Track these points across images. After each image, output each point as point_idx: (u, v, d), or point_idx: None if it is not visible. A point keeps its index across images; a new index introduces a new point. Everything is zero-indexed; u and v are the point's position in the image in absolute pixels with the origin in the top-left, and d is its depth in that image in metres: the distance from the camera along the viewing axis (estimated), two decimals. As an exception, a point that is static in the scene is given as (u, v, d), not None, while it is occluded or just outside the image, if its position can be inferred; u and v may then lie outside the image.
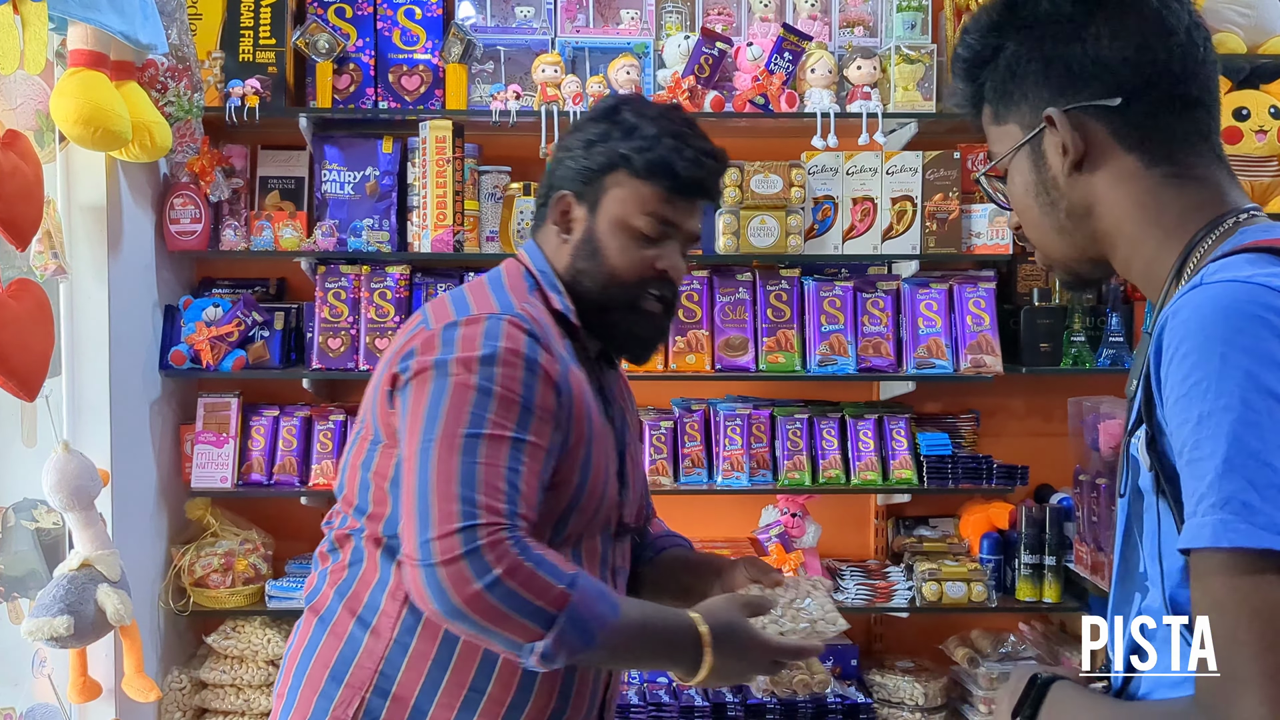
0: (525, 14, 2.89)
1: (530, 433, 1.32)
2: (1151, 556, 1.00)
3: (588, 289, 1.48)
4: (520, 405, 1.32)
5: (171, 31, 2.50)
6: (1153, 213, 1.07)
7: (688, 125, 1.49)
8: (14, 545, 2.46)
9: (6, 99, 2.25)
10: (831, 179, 2.84)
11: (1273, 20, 2.93)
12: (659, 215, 1.46)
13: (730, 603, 1.41)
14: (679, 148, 1.45)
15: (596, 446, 1.42)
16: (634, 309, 1.48)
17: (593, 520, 1.44)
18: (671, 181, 1.45)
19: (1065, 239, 1.12)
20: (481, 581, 1.23)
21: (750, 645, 1.38)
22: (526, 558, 1.25)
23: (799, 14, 2.88)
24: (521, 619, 1.24)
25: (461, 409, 1.30)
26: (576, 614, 1.26)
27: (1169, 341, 0.93)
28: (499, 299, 1.41)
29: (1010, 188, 1.14)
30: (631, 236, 1.46)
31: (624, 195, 1.46)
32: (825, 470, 2.87)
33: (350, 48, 2.80)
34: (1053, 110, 1.07)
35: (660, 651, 1.37)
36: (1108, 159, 1.08)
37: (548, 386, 1.34)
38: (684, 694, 2.82)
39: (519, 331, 1.35)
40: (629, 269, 1.46)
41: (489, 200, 2.83)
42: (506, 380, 1.32)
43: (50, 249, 2.23)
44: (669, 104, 1.53)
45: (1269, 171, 2.87)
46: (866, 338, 2.86)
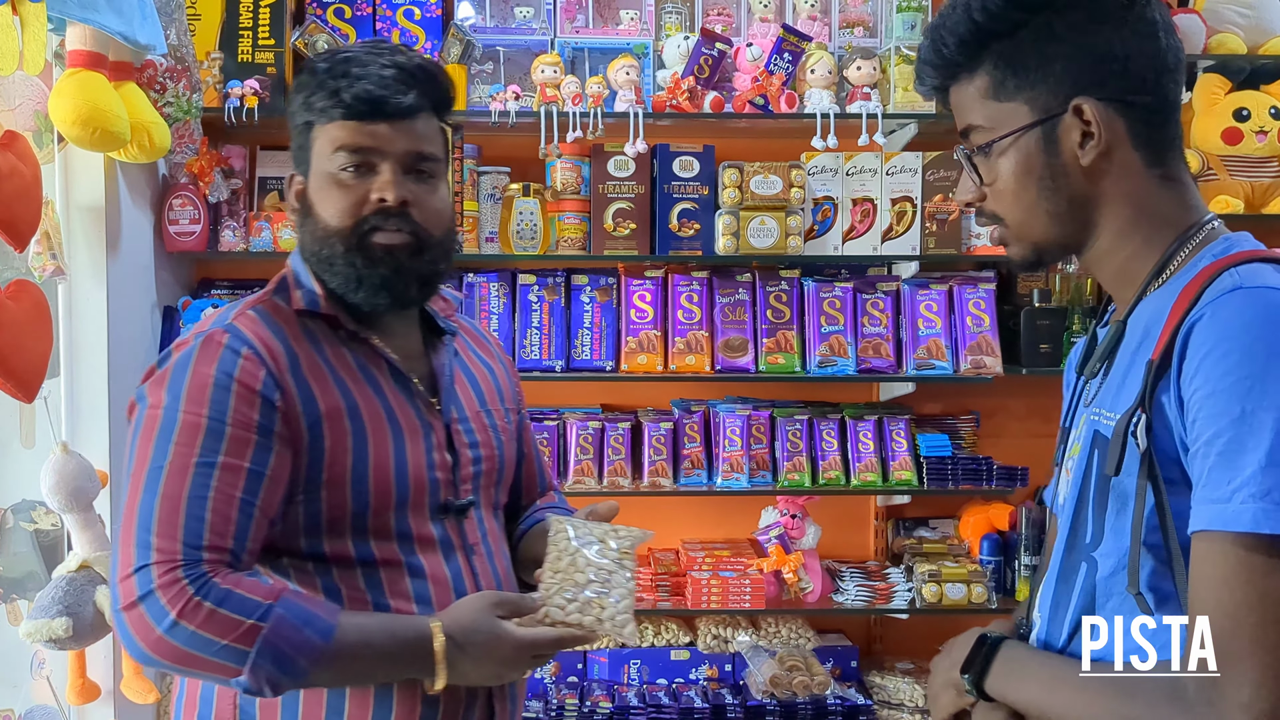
0: (524, 14, 2.89)
1: (223, 454, 1.26)
2: (1119, 532, 1.05)
3: (322, 257, 1.38)
4: (206, 428, 1.26)
5: (170, 32, 2.50)
6: (1146, 212, 1.11)
7: (368, 49, 1.39)
8: (12, 547, 2.46)
9: (5, 100, 2.25)
10: (831, 180, 2.84)
11: (1273, 21, 2.93)
12: (347, 146, 1.35)
13: (480, 602, 1.35)
14: (346, 72, 1.35)
15: (375, 435, 1.35)
16: (360, 249, 1.35)
17: (403, 508, 1.37)
18: (345, 109, 1.34)
19: (1056, 224, 1.13)
20: (160, 626, 1.20)
21: (497, 645, 1.32)
22: (207, 596, 1.21)
23: (799, 14, 2.88)
24: (209, 658, 1.21)
25: (148, 442, 1.27)
26: (272, 648, 1.22)
27: (1205, 338, 0.97)
28: (219, 316, 1.37)
29: (1003, 165, 1.13)
30: (333, 182, 1.36)
31: (320, 144, 1.37)
32: (825, 471, 2.87)
33: (349, 48, 2.80)
34: (1086, 100, 1.08)
35: (392, 667, 1.31)
36: (1119, 154, 1.10)
37: (245, 401, 1.28)
38: (683, 696, 2.82)
39: (214, 348, 1.30)
40: (338, 214, 1.36)
41: (488, 201, 2.83)
42: (191, 404, 1.27)
43: (49, 250, 2.22)
44: (359, 42, 1.44)
45: (1269, 172, 2.87)
46: (866, 339, 2.86)
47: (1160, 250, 1.11)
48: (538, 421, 2.87)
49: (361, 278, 1.36)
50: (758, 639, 2.95)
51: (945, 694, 1.20)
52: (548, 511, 1.63)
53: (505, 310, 2.83)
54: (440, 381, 1.46)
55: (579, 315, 2.85)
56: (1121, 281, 1.14)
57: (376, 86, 1.35)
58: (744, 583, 2.80)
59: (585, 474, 2.83)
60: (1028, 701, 1.10)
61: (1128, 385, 1.09)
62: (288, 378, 1.32)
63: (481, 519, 1.47)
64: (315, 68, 1.39)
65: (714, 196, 2.81)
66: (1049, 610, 1.16)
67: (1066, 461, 1.21)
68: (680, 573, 2.89)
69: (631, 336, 2.83)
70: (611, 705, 2.77)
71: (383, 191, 1.35)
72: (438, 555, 1.39)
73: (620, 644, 1.29)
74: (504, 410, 1.56)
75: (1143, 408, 1.02)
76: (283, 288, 1.42)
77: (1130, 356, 1.10)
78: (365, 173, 1.36)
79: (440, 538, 1.40)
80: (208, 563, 1.23)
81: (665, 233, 2.80)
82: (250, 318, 1.35)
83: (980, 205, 1.18)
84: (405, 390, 1.42)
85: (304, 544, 1.34)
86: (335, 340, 1.39)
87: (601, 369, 2.85)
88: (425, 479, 1.39)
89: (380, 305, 1.39)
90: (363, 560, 1.35)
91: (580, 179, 2.82)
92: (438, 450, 1.42)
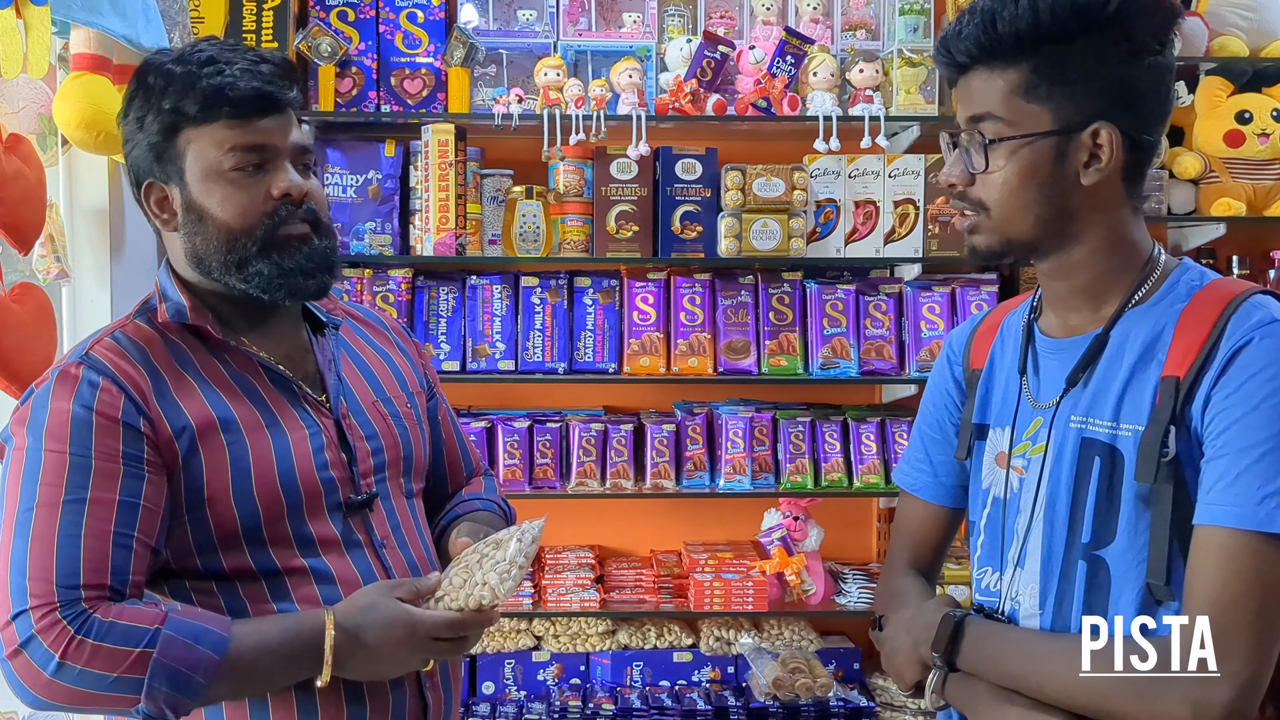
0: (527, 17, 2.89)
1: (91, 489, 1.23)
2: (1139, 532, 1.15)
3: (229, 261, 1.34)
4: (70, 465, 1.23)
5: (174, 35, 2.50)
6: (1121, 238, 1.21)
7: (220, 48, 1.36)
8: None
9: (9, 103, 2.25)
10: (834, 182, 2.84)
11: (1275, 23, 2.93)
12: (243, 145, 1.32)
13: (377, 588, 1.31)
14: (219, 70, 1.32)
15: (254, 445, 1.32)
16: (274, 244, 1.34)
17: (297, 512, 1.34)
18: (231, 107, 1.31)
19: (1039, 229, 1.19)
20: (48, 670, 1.18)
21: (392, 626, 1.27)
22: (89, 633, 1.18)
23: (801, 17, 2.88)
24: (104, 692, 1.19)
25: (15, 485, 1.24)
26: (166, 671, 1.19)
27: (1254, 360, 1.10)
28: (77, 348, 1.34)
29: (1011, 161, 1.17)
30: (229, 181, 1.32)
31: (200, 147, 1.32)
32: (828, 473, 2.87)
33: (352, 51, 2.80)
34: (1109, 128, 1.15)
35: (288, 667, 1.27)
36: (1112, 182, 1.18)
37: (107, 432, 1.25)
38: (686, 698, 2.82)
39: (69, 382, 1.27)
40: (243, 212, 1.33)
41: (491, 203, 2.83)
42: (53, 441, 1.24)
43: (53, 252, 2.23)
44: (193, 42, 1.39)
45: (1271, 175, 2.87)
46: (869, 341, 2.86)
47: (1133, 273, 1.21)
48: (540, 424, 2.88)
49: (284, 272, 1.34)
50: (760, 641, 2.95)
51: (910, 668, 1.29)
52: (475, 503, 1.60)
53: (508, 312, 2.84)
54: (327, 379, 1.44)
55: (581, 317, 2.85)
56: (1085, 295, 1.23)
57: (262, 83, 1.33)
58: (746, 585, 2.80)
59: (588, 476, 2.84)
60: (1004, 673, 1.19)
61: (1132, 397, 1.17)
62: (152, 402, 1.29)
63: (393, 510, 1.44)
64: (167, 70, 1.34)
65: (716, 199, 2.81)
66: (1052, 604, 1.22)
67: (1016, 459, 1.28)
68: (683, 575, 2.89)
69: (634, 339, 2.83)
70: (614, 707, 2.78)
71: (284, 186, 1.34)
72: (343, 555, 1.36)
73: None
74: (406, 395, 1.53)
75: (1172, 420, 1.12)
76: (148, 307, 1.39)
77: (1128, 369, 1.18)
78: (255, 170, 1.34)
79: (344, 536, 1.37)
80: (86, 600, 1.20)
81: (668, 235, 2.80)
82: (108, 344, 1.32)
83: (966, 189, 1.21)
84: (287, 392, 1.39)
85: (199, 563, 1.31)
86: (205, 351, 1.36)
87: (604, 371, 2.85)
88: (316, 480, 1.36)
89: (301, 297, 1.38)
90: (264, 571, 1.32)
91: (583, 181, 2.82)
92: (329, 448, 1.38)
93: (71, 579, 1.20)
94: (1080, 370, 1.21)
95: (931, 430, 1.47)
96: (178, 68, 1.33)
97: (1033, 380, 1.29)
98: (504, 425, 2.86)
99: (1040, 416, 1.26)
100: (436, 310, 2.83)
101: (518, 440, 2.84)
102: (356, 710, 1.33)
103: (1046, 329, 1.29)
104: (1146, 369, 1.16)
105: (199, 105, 1.31)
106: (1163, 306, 1.18)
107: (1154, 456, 1.12)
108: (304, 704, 1.31)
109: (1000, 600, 1.28)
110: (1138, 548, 1.15)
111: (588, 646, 2.95)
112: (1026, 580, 1.25)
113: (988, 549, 1.32)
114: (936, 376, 1.47)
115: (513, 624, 2.95)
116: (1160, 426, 1.12)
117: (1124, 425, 1.17)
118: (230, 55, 1.34)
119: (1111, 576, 1.17)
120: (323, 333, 1.48)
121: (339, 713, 1.32)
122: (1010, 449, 1.29)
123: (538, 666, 2.94)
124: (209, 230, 1.34)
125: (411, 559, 1.43)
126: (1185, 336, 1.15)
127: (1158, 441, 1.12)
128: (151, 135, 1.34)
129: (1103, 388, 1.20)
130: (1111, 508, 1.17)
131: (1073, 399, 1.22)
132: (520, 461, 2.84)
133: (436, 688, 1.41)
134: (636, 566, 2.95)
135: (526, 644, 2.96)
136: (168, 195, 1.36)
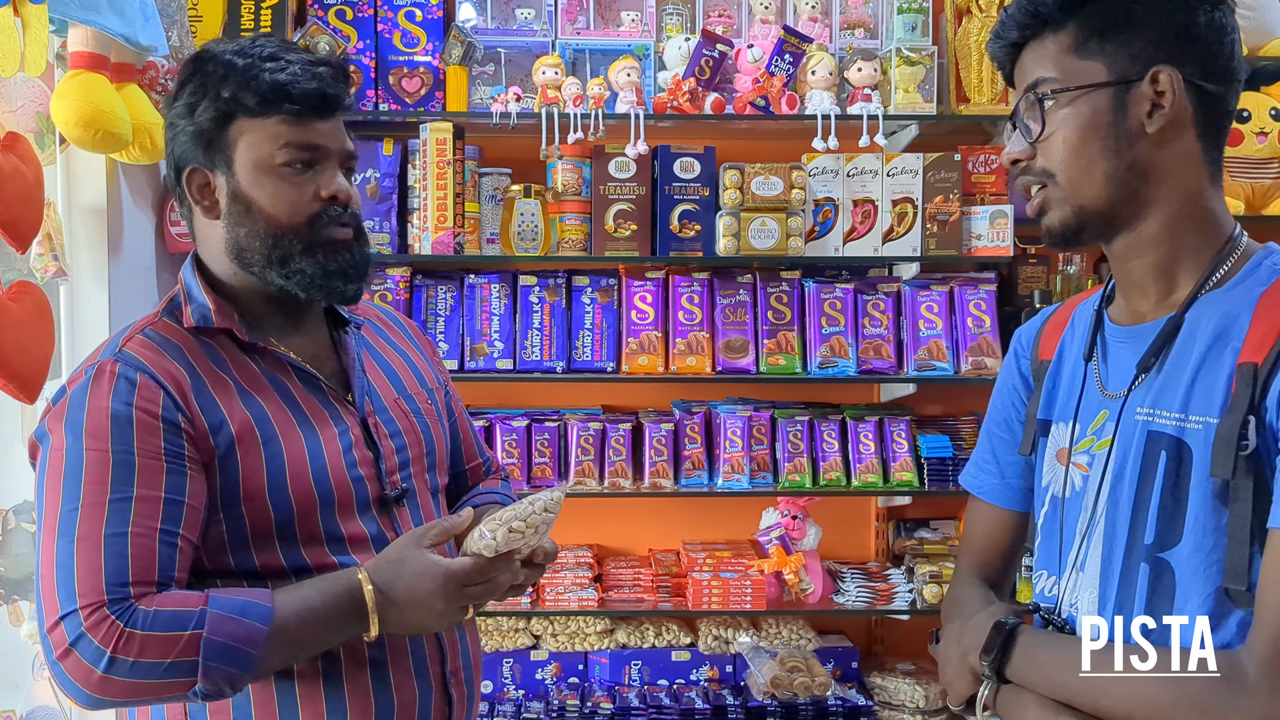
0: (526, 16, 2.89)
1: (136, 486, 1.24)
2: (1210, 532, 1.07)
3: (259, 254, 1.35)
4: (115, 463, 1.24)
5: (172, 34, 2.50)
6: (1198, 207, 1.13)
7: (280, 45, 1.37)
8: (14, 548, 2.45)
9: (7, 101, 2.25)
10: (832, 181, 2.84)
11: (1273, 22, 2.94)
12: (297, 142, 1.34)
13: (405, 540, 1.33)
14: (283, 67, 1.33)
15: (288, 444, 1.34)
16: (319, 244, 1.36)
17: (329, 510, 1.36)
18: (291, 103, 1.33)
19: (1110, 187, 1.13)
20: (100, 666, 1.18)
21: (422, 576, 1.28)
22: (136, 625, 1.19)
23: (799, 16, 2.88)
24: (161, 681, 1.19)
25: (56, 486, 1.25)
26: (218, 649, 1.20)
27: None
28: (110, 344, 1.34)
29: (1070, 119, 1.13)
30: (280, 176, 1.34)
31: (254, 139, 1.34)
32: (826, 472, 2.87)
33: (351, 50, 2.80)
34: (1169, 70, 1.10)
35: (332, 628, 1.28)
36: (1183, 136, 1.12)
37: (148, 429, 1.26)
38: (684, 697, 2.82)
39: (106, 380, 1.27)
40: (292, 208, 1.34)
41: (489, 202, 2.83)
42: (94, 440, 1.24)
43: (50, 251, 2.22)
44: (251, 36, 1.41)
45: (1270, 174, 2.87)
46: (867, 340, 2.86)
47: (1211, 252, 1.13)
48: (539, 423, 2.87)
49: (327, 272, 1.36)
50: (759, 640, 2.95)
51: (961, 679, 1.22)
52: (488, 497, 1.62)
53: (506, 311, 2.84)
54: (351, 375, 1.45)
55: (580, 316, 2.85)
56: (1158, 274, 1.15)
57: (322, 85, 1.35)
58: (745, 584, 2.80)
59: (586, 475, 2.84)
60: (1056, 685, 1.12)
61: (1202, 386, 1.09)
62: (191, 400, 1.29)
63: (418, 508, 1.47)
64: (227, 60, 1.35)
65: (715, 198, 2.81)
66: (1112, 609, 1.15)
67: (1079, 455, 1.20)
68: (681, 574, 2.89)
69: (632, 338, 2.83)
70: (613, 706, 2.78)
71: (332, 189, 1.36)
72: (372, 553, 1.37)
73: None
74: (426, 392, 1.55)
75: (1251, 410, 1.04)
76: (174, 305, 1.40)
77: (1200, 356, 1.10)
78: (305, 169, 1.35)
79: (374, 535, 1.39)
80: (134, 597, 1.21)
81: (666, 234, 2.80)
82: (141, 341, 1.33)
83: (1029, 162, 1.17)
84: (315, 391, 1.40)
85: (233, 560, 1.32)
86: (236, 351, 1.37)
87: (602, 370, 2.85)
88: (347, 479, 1.37)
89: (338, 299, 1.41)
90: (295, 568, 1.33)
91: (581, 180, 2.82)
92: (357, 447, 1.40)
93: (120, 576, 1.21)
94: (1153, 356, 1.14)
95: (999, 429, 1.39)
96: (239, 59, 1.34)
97: (1102, 368, 1.22)
98: (502, 424, 2.86)
99: (1107, 409, 1.18)
100: (434, 309, 2.83)
101: (516, 439, 2.84)
102: (385, 706, 1.34)
103: (1116, 317, 1.23)
104: (1220, 356, 1.08)
105: (259, 98, 1.33)
106: (1241, 290, 1.10)
107: (1231, 449, 1.04)
108: (333, 700, 1.32)
109: (1058, 606, 1.22)
110: (1206, 550, 1.07)
111: (586, 645, 2.95)
112: (1086, 584, 1.18)
113: (1045, 551, 1.26)
114: (1004, 373, 1.40)
115: (511, 623, 2.95)
116: (1238, 416, 1.04)
117: (1193, 417, 1.09)
118: (291, 54, 1.36)
119: (1176, 580, 1.09)
120: (345, 331, 1.49)
121: (367, 709, 1.33)
122: (1071, 445, 1.22)
123: (536, 665, 2.94)
124: (255, 222, 1.35)
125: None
126: (1265, 320, 1.06)
127: (1234, 433, 1.04)
128: (203, 122, 1.35)
129: (1172, 377, 1.11)
130: (1178, 507, 1.09)
131: (1143, 389, 1.15)
132: (518, 460, 2.84)
133: (461, 684, 1.44)
134: (635, 565, 2.95)
135: (525, 643, 2.96)
136: (211, 182, 1.37)
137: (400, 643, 1.37)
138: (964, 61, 2.84)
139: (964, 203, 2.85)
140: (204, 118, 1.35)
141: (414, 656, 1.38)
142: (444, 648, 1.42)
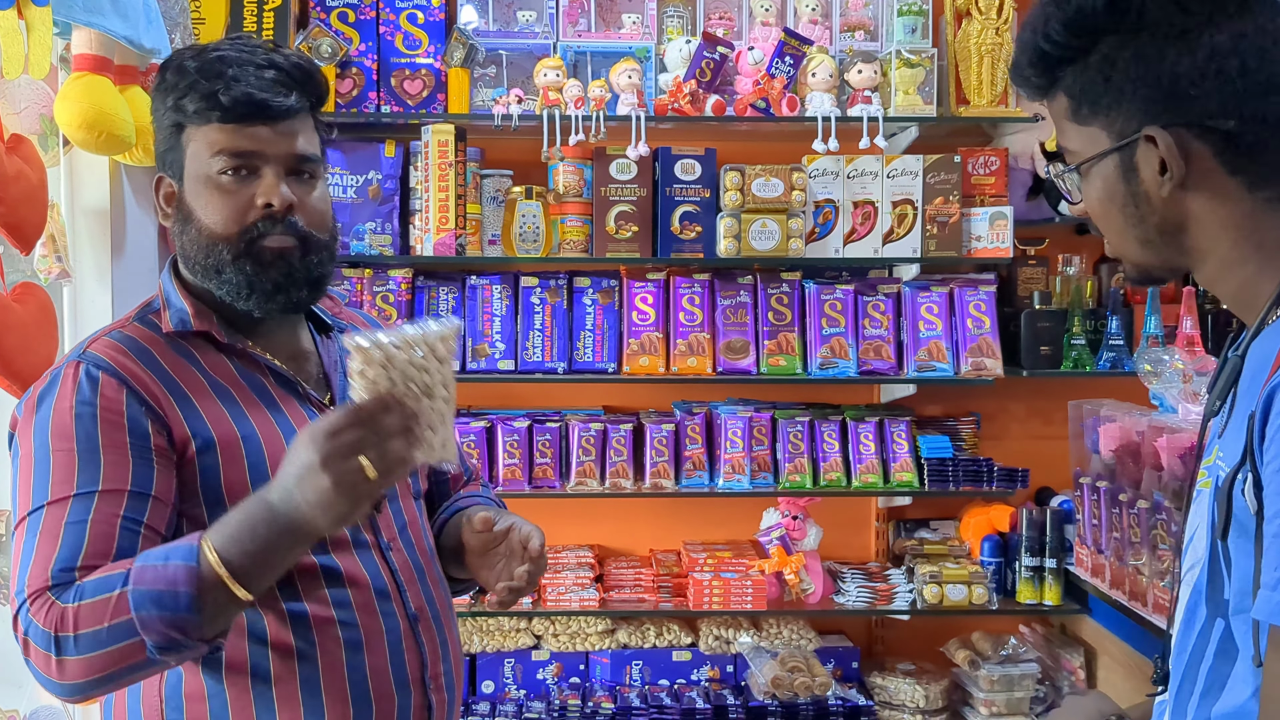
0: (527, 18, 2.90)
1: (102, 481, 1.23)
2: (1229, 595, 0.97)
3: (208, 265, 1.34)
4: (80, 460, 1.23)
5: (175, 36, 2.51)
6: (1253, 236, 1.01)
7: (236, 47, 1.33)
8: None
9: (11, 103, 2.25)
10: (832, 182, 2.85)
11: None
12: (228, 150, 1.31)
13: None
14: (220, 73, 1.30)
15: (269, 446, 1.32)
16: (249, 255, 1.32)
17: None
18: (222, 111, 1.30)
19: (1148, 251, 1.06)
20: (52, 650, 1.16)
21: (298, 450, 1.16)
22: (69, 600, 1.17)
23: (800, 18, 2.89)
24: (111, 650, 1.16)
25: (27, 489, 1.25)
26: (145, 596, 1.14)
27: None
28: (75, 348, 1.34)
29: (1088, 190, 1.07)
30: (213, 186, 1.32)
31: (196, 147, 1.33)
32: (826, 473, 2.88)
33: (353, 52, 2.81)
34: (1155, 130, 1.00)
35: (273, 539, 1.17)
36: (1209, 180, 1.01)
37: (112, 425, 1.25)
38: (685, 697, 2.83)
39: (70, 380, 1.27)
40: (223, 220, 1.32)
41: (491, 204, 2.84)
42: (59, 439, 1.24)
43: (54, 252, 2.23)
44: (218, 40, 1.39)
45: None
46: (867, 341, 2.87)
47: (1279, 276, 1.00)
48: (540, 423, 2.88)
49: (253, 284, 1.33)
50: (759, 640, 2.96)
51: None
52: (470, 500, 1.60)
53: (508, 312, 2.84)
54: (332, 378, 1.44)
55: (581, 317, 2.86)
56: (1240, 306, 1.05)
57: (256, 89, 1.31)
58: (745, 584, 2.81)
59: (587, 475, 2.84)
60: None
61: (1236, 430, 0.99)
62: (164, 402, 1.29)
63: (399, 511, 1.45)
64: (183, 66, 1.34)
65: (715, 199, 2.82)
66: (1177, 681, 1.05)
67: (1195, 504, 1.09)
68: (682, 574, 2.90)
69: (633, 339, 2.84)
70: (614, 706, 2.78)
71: (268, 196, 1.32)
72: (352, 555, 1.35)
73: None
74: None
75: (1249, 462, 0.93)
76: (148, 310, 1.39)
77: (1244, 398, 1.00)
78: (246, 176, 1.33)
79: (354, 538, 1.36)
80: (80, 580, 1.18)
81: (667, 235, 2.81)
82: (106, 342, 1.32)
83: (1086, 218, 1.12)
84: (293, 393, 1.39)
85: None
86: (213, 352, 1.36)
87: (603, 371, 2.86)
88: None
89: (273, 310, 1.36)
90: None
91: (582, 182, 2.83)
92: None
93: (70, 562, 1.20)
94: (1219, 397, 1.04)
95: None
96: (192, 64, 1.33)
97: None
98: (504, 425, 2.86)
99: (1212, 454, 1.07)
100: (436, 310, 2.84)
101: (517, 440, 2.85)
102: (363, 710, 1.33)
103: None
104: (1249, 398, 0.98)
105: (195, 106, 1.32)
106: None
107: (1223, 506, 0.95)
108: (310, 705, 1.31)
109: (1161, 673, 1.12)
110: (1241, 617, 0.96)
111: (587, 645, 2.96)
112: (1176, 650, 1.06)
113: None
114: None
115: (512, 623, 2.96)
116: (1232, 473, 0.94)
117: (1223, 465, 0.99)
118: (244, 56, 1.33)
119: (1239, 647, 0.97)
120: (328, 335, 1.49)
121: (345, 714, 1.32)
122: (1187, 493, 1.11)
123: (537, 665, 2.95)
124: (192, 232, 1.35)
125: (416, 560, 1.44)
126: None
127: (1226, 490, 0.95)
128: (163, 129, 1.36)
129: (1233, 418, 1.01)
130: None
131: (1219, 427, 1.05)
132: (520, 461, 2.85)
133: (441, 689, 1.42)
134: (636, 566, 2.96)
135: (526, 643, 2.97)
136: (174, 191, 1.37)
137: (379, 646, 1.35)
138: (964, 63, 2.85)
139: (964, 204, 2.85)
140: (162, 125, 1.36)
141: (392, 661, 1.36)
142: (424, 652, 1.40)
